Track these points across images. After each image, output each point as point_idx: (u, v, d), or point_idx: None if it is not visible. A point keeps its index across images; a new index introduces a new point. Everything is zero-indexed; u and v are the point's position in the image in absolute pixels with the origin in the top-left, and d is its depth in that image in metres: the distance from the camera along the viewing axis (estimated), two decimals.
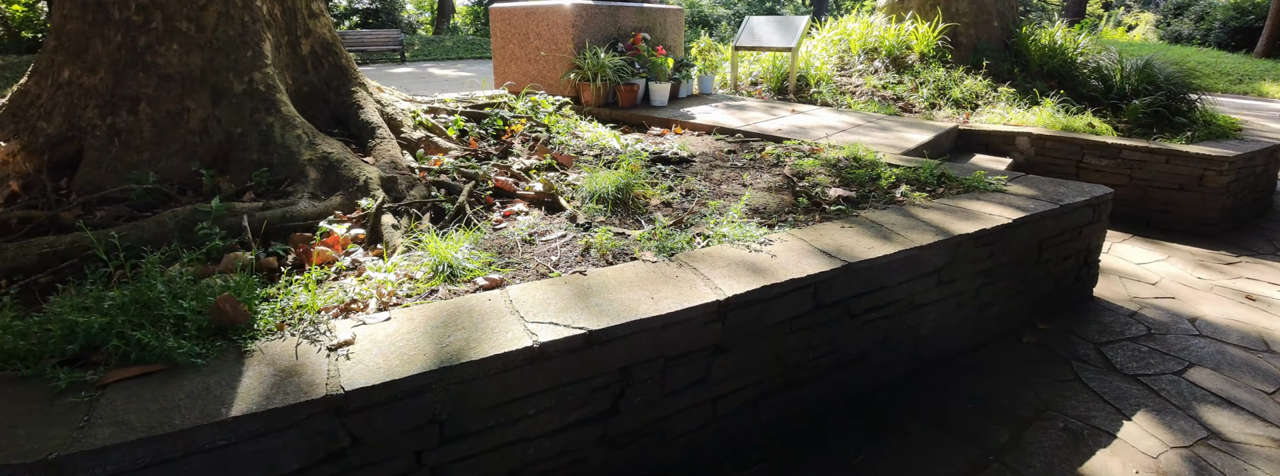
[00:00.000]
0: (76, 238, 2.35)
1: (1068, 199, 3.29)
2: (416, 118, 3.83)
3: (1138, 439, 2.50)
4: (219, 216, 2.49)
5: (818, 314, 2.40)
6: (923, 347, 2.88)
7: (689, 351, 2.11)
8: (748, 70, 8.08)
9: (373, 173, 2.93)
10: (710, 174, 3.79)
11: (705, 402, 2.24)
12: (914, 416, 2.63)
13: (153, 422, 1.41)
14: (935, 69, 7.04)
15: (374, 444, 1.64)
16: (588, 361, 1.90)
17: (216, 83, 3.02)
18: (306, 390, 1.54)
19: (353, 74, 3.68)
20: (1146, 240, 4.91)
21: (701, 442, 2.30)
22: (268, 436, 1.49)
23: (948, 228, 2.80)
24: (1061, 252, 3.38)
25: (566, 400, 1.92)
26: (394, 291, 2.13)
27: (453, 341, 1.77)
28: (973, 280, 2.94)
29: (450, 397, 1.70)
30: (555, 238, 2.71)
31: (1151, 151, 5.10)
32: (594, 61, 6.03)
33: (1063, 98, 6.31)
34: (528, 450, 1.92)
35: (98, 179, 2.84)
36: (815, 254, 2.46)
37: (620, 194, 3.14)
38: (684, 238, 2.63)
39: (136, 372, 1.61)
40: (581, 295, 2.09)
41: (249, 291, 1.90)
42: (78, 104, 2.96)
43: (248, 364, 1.65)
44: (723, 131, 5.16)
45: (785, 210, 3.10)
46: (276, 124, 3.02)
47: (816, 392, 2.55)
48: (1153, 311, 3.62)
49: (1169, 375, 2.96)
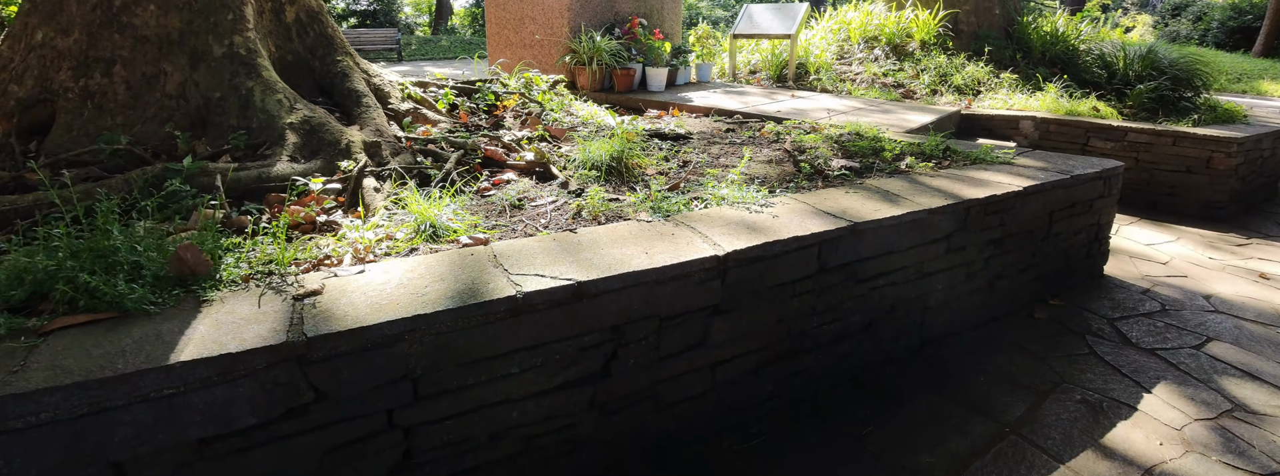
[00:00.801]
0: (39, 196, 2.22)
1: (1078, 170, 3.17)
2: (404, 90, 3.70)
3: (1160, 411, 2.37)
4: (191, 176, 2.37)
5: (822, 277, 2.27)
6: (931, 319, 2.75)
7: (686, 311, 1.98)
8: (746, 59, 7.97)
9: (356, 136, 2.81)
10: (708, 149, 3.66)
11: (704, 368, 2.11)
12: (924, 389, 2.50)
13: (92, 367, 1.28)
14: (936, 56, 6.93)
15: (341, 400, 1.51)
16: (576, 316, 1.77)
17: (195, 45, 2.89)
18: (266, 337, 1.40)
19: (339, 43, 3.55)
20: (1154, 223, 4.79)
21: (699, 412, 2.17)
22: (220, 385, 1.35)
23: (957, 193, 2.68)
24: (1072, 226, 3.25)
25: (554, 358, 1.79)
26: (371, 248, 2.00)
27: (430, 291, 1.64)
28: (982, 250, 2.81)
29: (425, 350, 1.57)
30: (545, 202, 2.59)
31: (1158, 133, 4.99)
32: (590, 45, 5.92)
33: (1066, 83, 6.20)
34: (511, 413, 1.78)
35: (69, 142, 2.71)
36: (819, 215, 2.34)
37: (615, 162, 3.01)
38: (681, 200, 2.50)
39: (84, 320, 1.48)
40: (571, 250, 1.96)
41: (213, 241, 1.77)
42: (50, 66, 2.83)
43: (205, 312, 1.52)
44: (721, 113, 5.04)
45: (786, 179, 2.97)
46: (257, 88, 2.90)
47: (821, 363, 2.42)
48: (1166, 289, 3.49)
49: (1187, 349, 2.83)
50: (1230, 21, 19.05)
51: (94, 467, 1.31)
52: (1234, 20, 19.01)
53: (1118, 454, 2.14)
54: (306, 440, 1.50)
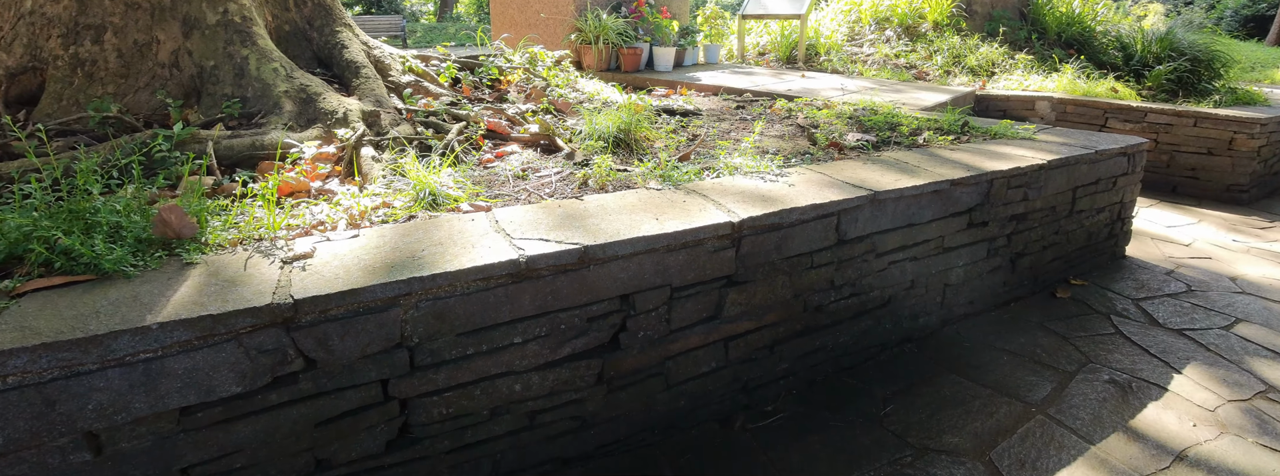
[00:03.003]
0: (23, 163, 2.13)
1: (1102, 145, 3.05)
2: (406, 63, 3.59)
3: (1191, 392, 2.27)
4: (181, 143, 2.27)
5: (841, 248, 2.16)
6: (952, 297, 2.64)
7: (698, 280, 1.88)
8: (754, 41, 7.82)
9: (354, 106, 2.70)
10: (717, 124, 3.55)
11: (717, 342, 2.01)
12: (946, 369, 2.39)
13: (62, 328, 1.19)
14: (950, 37, 6.78)
15: (331, 368, 1.42)
16: (583, 283, 1.67)
17: (188, 12, 2.79)
18: (250, 299, 1.31)
19: (338, 14, 3.44)
20: (1175, 206, 4.66)
21: (712, 390, 2.07)
22: (201, 350, 1.26)
23: (978, 165, 2.56)
24: (1095, 204, 3.13)
25: (559, 328, 1.69)
26: (367, 214, 1.90)
27: (426, 255, 1.54)
28: (1005, 225, 2.70)
29: (422, 316, 1.47)
30: (550, 172, 2.48)
31: (1178, 114, 4.85)
32: (596, 24, 5.79)
33: (1082, 65, 6.05)
34: (514, 386, 1.69)
35: (58, 112, 2.61)
36: (837, 185, 2.23)
37: (623, 135, 2.90)
38: (692, 169, 2.39)
39: (59, 282, 1.38)
40: (577, 216, 1.85)
41: (199, 203, 1.67)
42: (40, 34, 2.73)
43: (188, 274, 1.42)
44: (730, 91, 4.91)
45: (801, 152, 2.86)
46: (252, 56, 2.79)
47: (840, 340, 2.32)
48: (1190, 270, 3.38)
49: (1216, 330, 2.72)
50: (1244, 9, 18.76)
51: (67, 437, 1.22)
52: (1248, 8, 18.72)
53: (1149, 436, 2.04)
54: (295, 411, 1.40)
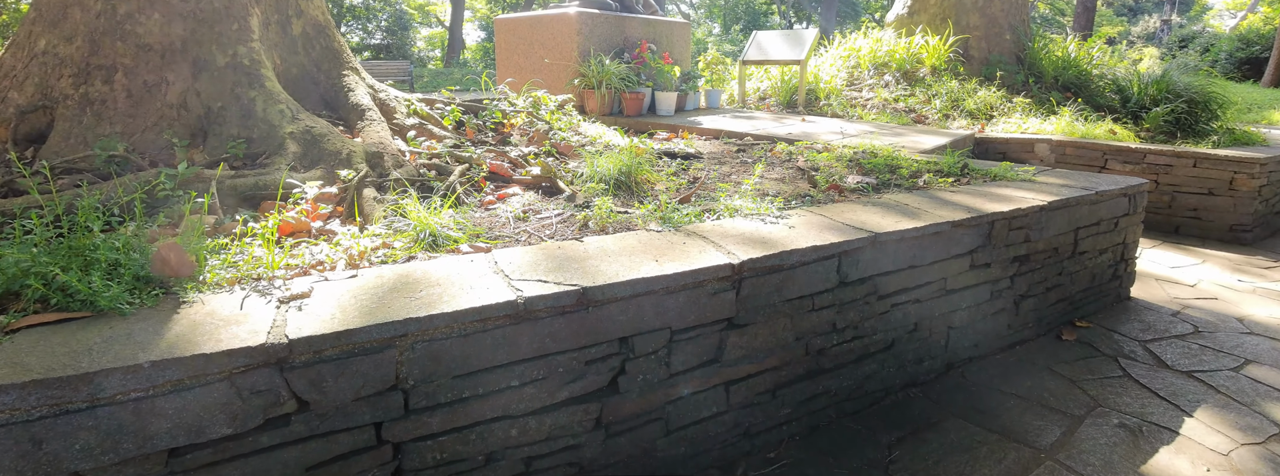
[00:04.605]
0: (27, 199, 2.15)
1: (1102, 186, 3.06)
2: (410, 105, 3.65)
3: (1203, 435, 2.21)
4: (185, 182, 2.29)
5: (842, 291, 2.15)
6: (956, 340, 2.61)
7: (699, 323, 1.86)
8: (755, 86, 7.96)
9: (357, 147, 2.73)
10: (718, 167, 3.58)
11: (717, 387, 1.98)
12: (951, 414, 2.35)
13: (53, 365, 1.17)
14: (948, 81, 6.89)
15: (324, 410, 1.39)
16: (581, 325, 1.65)
17: (198, 55, 2.85)
18: (244, 338, 1.29)
19: (345, 58, 3.52)
20: (1178, 246, 4.64)
21: (713, 435, 2.02)
22: (192, 390, 1.24)
23: (979, 207, 2.57)
24: (1098, 245, 3.12)
25: (557, 372, 1.67)
26: (366, 255, 1.90)
27: (424, 295, 1.53)
28: (1007, 267, 2.69)
29: (417, 358, 1.45)
30: (551, 214, 2.49)
31: (1178, 155, 4.88)
32: (599, 69, 5.90)
33: (1080, 108, 6.13)
34: (510, 430, 1.65)
35: (66, 150, 2.64)
36: (837, 227, 2.23)
37: (624, 177, 2.92)
38: (692, 211, 2.40)
39: (54, 318, 1.37)
40: (576, 258, 1.85)
41: (198, 241, 1.68)
42: (51, 74, 2.79)
43: (183, 312, 1.41)
44: (731, 136, 4.97)
45: (801, 195, 2.87)
46: (259, 98, 2.84)
47: (843, 384, 2.28)
48: (1196, 311, 3.34)
49: (1226, 371, 2.67)
50: (1238, 52, 19.06)
51: None
52: (1242, 51, 19.02)
53: None
54: (286, 454, 1.37)
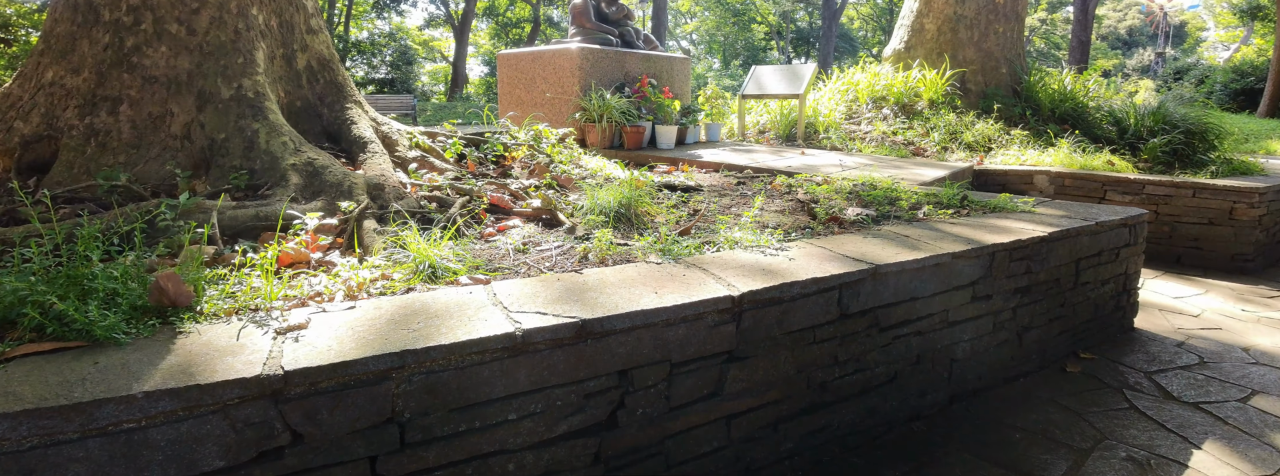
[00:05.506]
0: (27, 228, 2.15)
1: (1102, 217, 3.06)
2: (412, 138, 3.69)
3: (1212, 468, 2.17)
4: (186, 212, 2.29)
5: (844, 323, 2.13)
6: (959, 372, 2.58)
7: (699, 356, 1.84)
8: (754, 120, 8.04)
9: (359, 179, 2.75)
10: (718, 199, 3.59)
11: (718, 420, 1.95)
12: (956, 448, 2.31)
13: (46, 394, 1.16)
14: (945, 114, 6.96)
15: (318, 443, 1.37)
16: (580, 358, 1.64)
17: (203, 87, 2.89)
18: (239, 369, 1.28)
19: (349, 91, 3.56)
20: (1180, 276, 4.63)
21: (714, 470, 1.98)
22: (186, 421, 1.22)
23: (979, 239, 2.57)
24: (1100, 276, 3.12)
25: (555, 405, 1.64)
26: (365, 286, 1.90)
27: (421, 327, 1.52)
28: (1009, 298, 2.67)
29: (414, 391, 1.43)
30: (551, 246, 2.49)
31: (1177, 186, 4.91)
32: (600, 103, 5.98)
33: (1077, 139, 6.18)
34: (508, 465, 1.62)
35: (69, 180, 2.67)
36: (837, 259, 2.22)
37: (624, 209, 2.93)
38: (692, 243, 2.40)
39: (49, 347, 1.36)
40: (575, 290, 1.84)
41: (196, 271, 1.67)
42: (57, 104, 2.83)
43: (179, 342, 1.40)
44: (731, 168, 5.00)
45: (801, 226, 2.88)
46: (262, 131, 2.87)
47: (845, 418, 2.25)
48: (1201, 342, 3.31)
49: (1233, 402, 2.64)
50: (1233, 84, 19.29)
51: None
52: (1237, 82, 19.25)
53: None
54: None
